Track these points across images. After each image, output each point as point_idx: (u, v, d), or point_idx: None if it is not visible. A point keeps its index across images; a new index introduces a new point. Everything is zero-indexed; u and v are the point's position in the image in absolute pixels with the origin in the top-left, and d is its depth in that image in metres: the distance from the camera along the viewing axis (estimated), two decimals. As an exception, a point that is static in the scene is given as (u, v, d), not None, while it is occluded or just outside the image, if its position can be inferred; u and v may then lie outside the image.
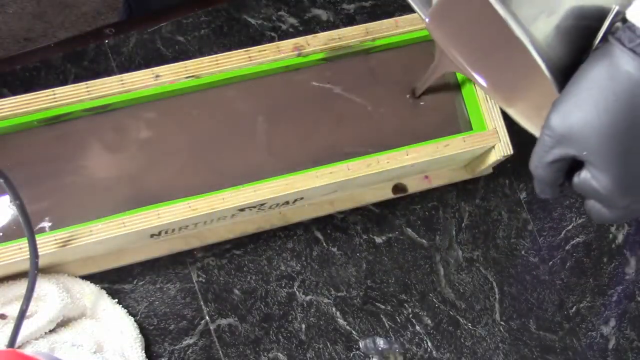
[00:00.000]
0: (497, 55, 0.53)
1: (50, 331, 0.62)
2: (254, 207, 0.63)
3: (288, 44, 0.65)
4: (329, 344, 0.68)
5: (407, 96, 0.67)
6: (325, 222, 0.71)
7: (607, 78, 0.40)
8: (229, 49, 0.69)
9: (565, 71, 0.43)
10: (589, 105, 0.41)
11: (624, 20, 0.41)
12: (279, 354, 0.67)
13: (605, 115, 0.40)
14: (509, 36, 0.44)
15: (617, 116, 0.40)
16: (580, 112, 0.41)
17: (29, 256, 0.56)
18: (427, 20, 0.53)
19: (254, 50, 0.64)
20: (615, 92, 0.40)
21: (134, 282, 0.67)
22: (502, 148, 0.67)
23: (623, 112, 0.40)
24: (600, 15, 0.42)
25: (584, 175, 0.43)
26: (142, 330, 0.65)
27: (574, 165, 0.44)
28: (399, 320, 0.70)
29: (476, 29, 0.53)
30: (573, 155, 0.43)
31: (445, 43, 0.54)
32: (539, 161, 0.45)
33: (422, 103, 0.68)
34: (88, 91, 0.61)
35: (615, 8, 0.41)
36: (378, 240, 0.72)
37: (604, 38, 0.41)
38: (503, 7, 0.42)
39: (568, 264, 0.76)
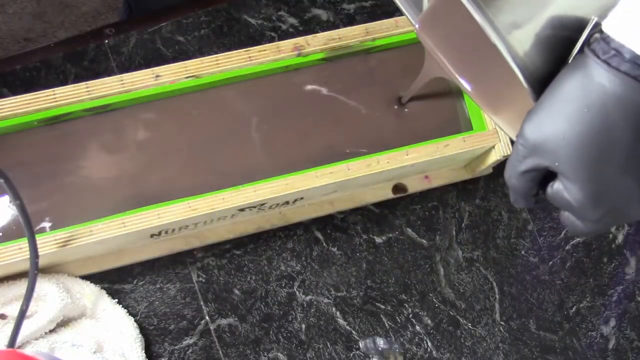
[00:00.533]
0: (482, 63, 0.53)
1: (50, 331, 0.62)
2: (254, 207, 0.63)
3: (288, 44, 0.65)
4: (329, 344, 0.68)
5: (395, 107, 0.67)
6: (325, 222, 0.71)
7: (581, 90, 0.40)
8: (229, 49, 0.69)
9: (544, 81, 0.43)
10: (562, 117, 0.41)
11: (602, 32, 0.41)
12: (279, 354, 0.67)
13: (577, 127, 0.40)
14: (492, 44, 0.44)
15: (589, 129, 0.40)
16: (553, 123, 0.41)
17: (29, 256, 0.56)
18: (416, 25, 0.53)
19: (254, 50, 0.64)
20: (588, 105, 0.40)
21: (134, 282, 0.67)
22: (502, 148, 0.67)
23: (595, 125, 0.40)
24: (580, 26, 0.42)
25: (556, 187, 0.43)
26: (142, 330, 0.65)
27: (548, 175, 0.44)
28: (399, 320, 0.70)
29: (463, 35, 0.54)
30: (546, 166, 0.43)
31: (434, 49, 0.54)
32: (513, 170, 0.45)
33: (422, 103, 0.68)
34: (88, 91, 0.61)
35: (594, 19, 0.41)
36: (378, 240, 0.72)
37: (582, 49, 0.42)
38: (480, 14, 0.42)
39: (568, 264, 0.76)
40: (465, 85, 0.54)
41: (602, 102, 0.39)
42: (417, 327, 0.70)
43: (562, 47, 0.43)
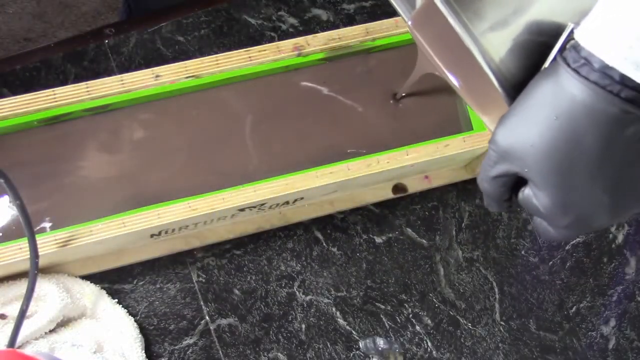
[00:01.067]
0: (471, 62, 0.53)
1: (50, 331, 0.62)
2: (254, 207, 0.63)
3: (288, 44, 0.65)
4: (329, 344, 0.68)
5: (391, 101, 0.67)
6: (325, 222, 0.71)
7: (551, 98, 0.40)
8: (229, 49, 0.69)
9: (519, 87, 0.43)
10: (532, 124, 0.41)
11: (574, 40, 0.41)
12: (279, 354, 0.67)
13: (547, 134, 0.40)
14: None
15: (558, 137, 0.40)
16: (523, 130, 0.41)
17: (29, 256, 0.56)
18: (409, 22, 0.53)
19: (254, 50, 0.64)
20: (557, 113, 0.40)
21: (134, 282, 0.67)
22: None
23: (564, 133, 0.40)
24: (557, 32, 0.42)
25: (527, 193, 0.43)
26: (142, 330, 0.65)
27: (519, 181, 0.44)
28: (399, 320, 0.70)
29: (453, 33, 0.54)
30: (516, 171, 0.43)
31: (425, 46, 0.55)
32: (485, 175, 0.45)
33: (422, 103, 0.68)
34: (88, 91, 0.61)
35: (571, 26, 0.41)
36: (378, 240, 0.72)
37: (556, 57, 0.42)
38: (455, 18, 0.42)
39: (568, 264, 0.76)
40: (455, 82, 0.54)
41: (571, 111, 0.39)
42: (417, 327, 0.70)
43: (539, 53, 0.43)
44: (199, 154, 0.64)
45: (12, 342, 0.57)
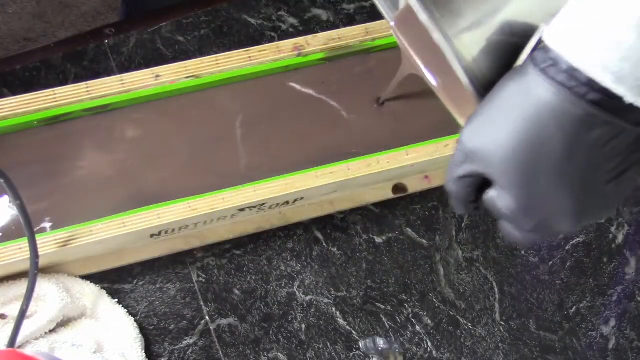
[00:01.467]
0: (446, 62, 0.53)
1: (50, 331, 0.62)
2: (254, 207, 0.63)
3: (288, 44, 0.65)
4: (329, 344, 0.68)
5: (375, 105, 0.67)
6: (325, 222, 0.71)
7: (518, 98, 0.40)
8: (229, 49, 0.69)
9: (491, 87, 0.43)
10: (498, 124, 0.40)
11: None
12: (279, 354, 0.67)
13: (512, 136, 0.40)
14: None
15: (523, 139, 0.39)
16: (488, 130, 0.41)
17: (29, 256, 0.56)
18: (392, 23, 0.53)
19: (254, 50, 0.64)
20: (524, 114, 0.39)
21: (134, 282, 0.67)
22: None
23: (530, 135, 0.39)
24: (530, 33, 0.42)
25: (491, 194, 0.43)
26: (142, 330, 0.65)
27: (485, 183, 0.43)
28: (399, 320, 0.70)
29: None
30: (481, 172, 0.42)
31: (407, 47, 0.54)
32: (450, 175, 0.44)
33: (421, 104, 0.68)
34: (88, 91, 0.61)
35: (543, 27, 0.41)
36: (378, 240, 0.72)
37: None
38: (427, 15, 0.42)
39: (568, 264, 0.76)
40: (433, 81, 0.54)
41: (537, 113, 0.39)
42: (417, 327, 0.70)
43: (511, 54, 0.42)
44: (199, 154, 0.64)
45: (12, 342, 0.57)
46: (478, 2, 0.42)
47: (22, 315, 0.57)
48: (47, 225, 0.60)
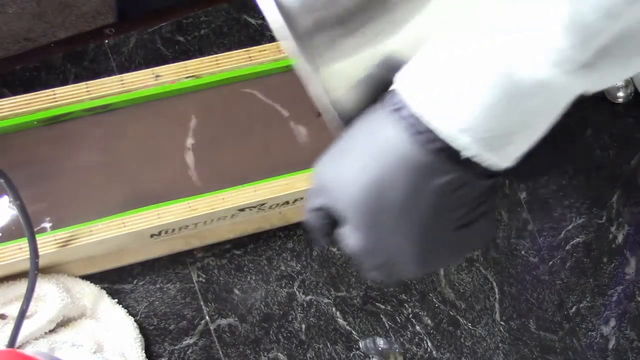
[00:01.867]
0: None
1: (50, 331, 0.62)
2: (254, 207, 0.63)
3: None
4: (329, 344, 0.68)
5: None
6: (325, 222, 0.71)
7: (369, 137, 0.39)
8: (229, 49, 0.69)
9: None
10: (348, 161, 0.40)
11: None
12: (279, 354, 0.67)
13: (359, 174, 0.39)
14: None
15: (370, 178, 0.39)
16: (339, 166, 0.40)
17: (29, 256, 0.56)
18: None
19: (254, 50, 0.64)
20: (372, 155, 0.38)
21: (134, 282, 0.67)
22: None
23: (375, 175, 0.38)
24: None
25: (341, 230, 0.42)
26: (142, 330, 0.65)
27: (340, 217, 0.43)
28: (399, 320, 0.70)
29: None
30: (331, 207, 0.41)
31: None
32: (307, 206, 0.43)
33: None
34: (88, 91, 0.61)
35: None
36: (378, 240, 0.72)
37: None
38: (293, 41, 0.38)
39: (568, 264, 0.76)
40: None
41: (384, 154, 0.38)
42: (417, 327, 0.70)
43: (381, 90, 0.41)
44: (199, 154, 0.64)
45: (12, 342, 0.57)
46: (361, 32, 0.40)
47: (22, 315, 0.57)
48: (47, 225, 0.60)
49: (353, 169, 0.39)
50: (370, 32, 0.39)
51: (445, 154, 0.37)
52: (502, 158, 0.38)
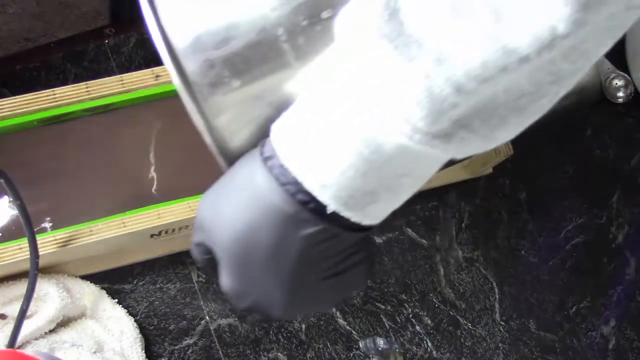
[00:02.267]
0: None
1: (50, 331, 0.62)
2: (254, 207, 0.63)
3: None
4: (329, 344, 0.68)
5: None
6: (325, 222, 0.71)
7: (244, 181, 0.39)
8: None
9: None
10: (224, 203, 0.40)
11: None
12: (279, 354, 0.67)
13: (232, 217, 0.39)
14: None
15: (241, 223, 0.39)
16: (216, 206, 0.40)
17: (29, 256, 0.56)
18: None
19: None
20: (244, 199, 0.39)
21: (134, 282, 0.67)
22: (502, 148, 0.67)
23: (246, 221, 0.39)
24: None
25: (219, 268, 0.42)
26: (142, 330, 0.65)
27: None
28: (399, 320, 0.70)
29: None
30: (208, 245, 0.42)
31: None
32: (192, 240, 0.44)
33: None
34: (88, 91, 0.61)
35: None
36: (378, 240, 0.72)
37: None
38: (177, 73, 0.38)
39: (568, 264, 0.76)
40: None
41: (255, 201, 0.38)
42: (417, 327, 0.70)
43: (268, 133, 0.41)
44: (199, 153, 0.63)
45: (12, 342, 0.57)
46: (249, 78, 0.39)
47: (22, 315, 0.57)
48: (47, 225, 0.60)
49: (226, 212, 0.40)
50: (261, 76, 0.39)
51: (312, 207, 0.37)
52: (365, 217, 0.38)
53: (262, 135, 0.40)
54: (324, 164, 0.36)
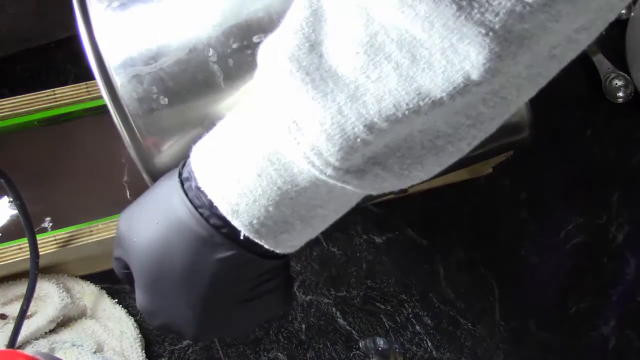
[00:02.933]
0: None
1: (50, 331, 0.62)
2: (254, 207, 0.63)
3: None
4: (329, 344, 0.68)
5: None
6: (325, 222, 0.71)
7: (161, 200, 0.39)
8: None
9: None
10: (141, 219, 0.40)
11: None
12: (279, 354, 0.67)
13: (147, 235, 0.39)
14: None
15: (154, 242, 0.39)
16: (133, 222, 0.40)
17: (29, 256, 0.56)
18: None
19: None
20: (160, 218, 0.39)
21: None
22: (502, 148, 0.67)
23: (159, 240, 0.38)
24: None
25: (134, 285, 0.42)
26: (142, 330, 0.65)
27: None
28: (399, 320, 0.70)
29: None
30: (125, 260, 0.42)
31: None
32: (113, 254, 0.44)
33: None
34: (88, 91, 0.61)
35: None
36: (378, 240, 0.72)
37: None
38: (107, 94, 0.39)
39: (568, 264, 0.76)
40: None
41: (170, 221, 0.38)
42: (417, 327, 0.70)
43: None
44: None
45: (12, 342, 0.57)
46: (178, 101, 0.40)
47: (22, 315, 0.57)
48: (47, 225, 0.60)
49: (142, 230, 0.39)
50: (190, 96, 0.40)
51: (225, 232, 0.37)
52: (278, 245, 0.38)
53: (187, 154, 0.39)
54: (236, 190, 0.36)
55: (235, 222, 0.36)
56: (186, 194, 0.38)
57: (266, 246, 0.37)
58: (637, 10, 0.81)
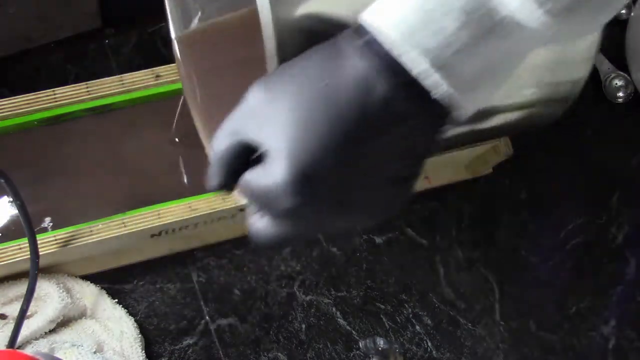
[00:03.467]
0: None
1: (50, 331, 0.62)
2: (254, 207, 0.63)
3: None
4: (329, 344, 0.68)
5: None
6: (325, 222, 0.71)
7: (324, 62, 0.37)
8: (229, 49, 0.69)
9: None
10: (295, 86, 0.37)
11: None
12: (279, 354, 0.67)
13: (309, 99, 0.37)
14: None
15: (320, 103, 0.36)
16: (281, 91, 0.37)
17: (29, 256, 0.56)
18: (174, 36, 0.51)
19: (254, 50, 0.64)
20: (327, 78, 0.36)
21: (134, 282, 0.67)
22: (502, 148, 0.67)
23: (328, 99, 0.36)
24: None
25: (257, 170, 0.38)
26: (142, 330, 0.65)
27: (249, 162, 0.39)
28: (399, 320, 0.70)
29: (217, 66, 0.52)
30: (256, 141, 0.38)
31: (182, 65, 0.52)
32: (221, 132, 0.40)
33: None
34: (88, 91, 0.61)
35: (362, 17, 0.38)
36: (378, 240, 0.72)
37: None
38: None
39: (568, 264, 0.76)
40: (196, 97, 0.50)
41: (340, 79, 0.36)
42: (417, 327, 0.70)
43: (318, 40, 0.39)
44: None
45: (12, 342, 0.57)
46: None
47: (22, 315, 0.57)
48: (47, 225, 0.60)
49: (300, 94, 0.37)
50: None
51: (415, 91, 0.36)
52: (467, 101, 0.37)
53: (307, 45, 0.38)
54: (437, 42, 0.35)
55: (434, 76, 0.35)
56: (367, 58, 0.36)
57: (458, 102, 0.36)
58: (637, 10, 0.81)
